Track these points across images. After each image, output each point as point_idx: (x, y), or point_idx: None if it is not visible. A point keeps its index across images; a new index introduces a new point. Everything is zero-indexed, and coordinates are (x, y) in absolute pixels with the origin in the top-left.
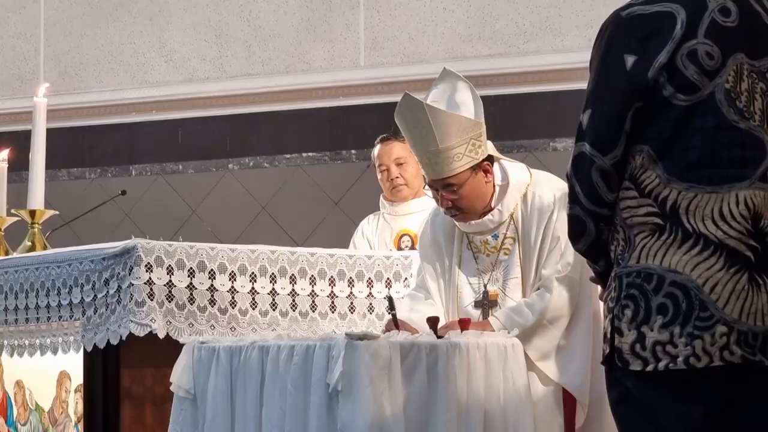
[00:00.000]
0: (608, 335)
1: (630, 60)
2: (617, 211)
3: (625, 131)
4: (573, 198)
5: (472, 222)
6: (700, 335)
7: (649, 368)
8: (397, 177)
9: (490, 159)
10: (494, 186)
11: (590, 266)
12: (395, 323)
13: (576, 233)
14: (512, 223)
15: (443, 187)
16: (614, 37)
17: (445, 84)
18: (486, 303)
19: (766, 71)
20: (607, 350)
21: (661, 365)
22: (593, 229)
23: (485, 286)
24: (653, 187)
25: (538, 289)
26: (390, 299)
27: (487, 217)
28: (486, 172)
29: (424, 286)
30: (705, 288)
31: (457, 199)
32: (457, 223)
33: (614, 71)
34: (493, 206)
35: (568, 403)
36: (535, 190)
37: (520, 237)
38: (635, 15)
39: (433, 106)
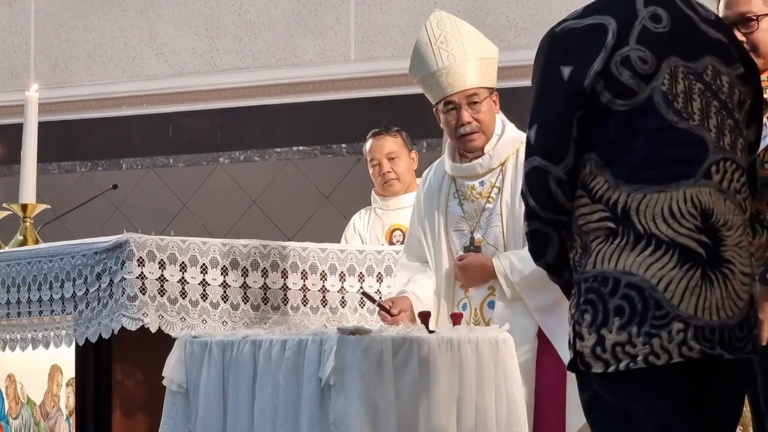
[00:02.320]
0: (571, 341)
1: (566, 71)
2: (573, 219)
3: (573, 138)
4: (529, 214)
5: (463, 165)
6: (657, 333)
7: (611, 369)
8: (389, 171)
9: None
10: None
11: (555, 281)
12: (384, 309)
13: (540, 246)
14: (501, 173)
15: (467, 101)
16: (550, 52)
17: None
18: (472, 249)
19: (702, 72)
20: (571, 355)
21: (622, 365)
22: (557, 238)
23: (472, 232)
24: (603, 192)
25: None
26: (365, 294)
27: (477, 161)
28: (495, 102)
29: (416, 251)
30: (659, 287)
31: (479, 115)
32: (450, 168)
33: (553, 83)
34: (485, 151)
35: (562, 404)
36: None
37: (503, 188)
38: (569, 29)
39: (464, 22)
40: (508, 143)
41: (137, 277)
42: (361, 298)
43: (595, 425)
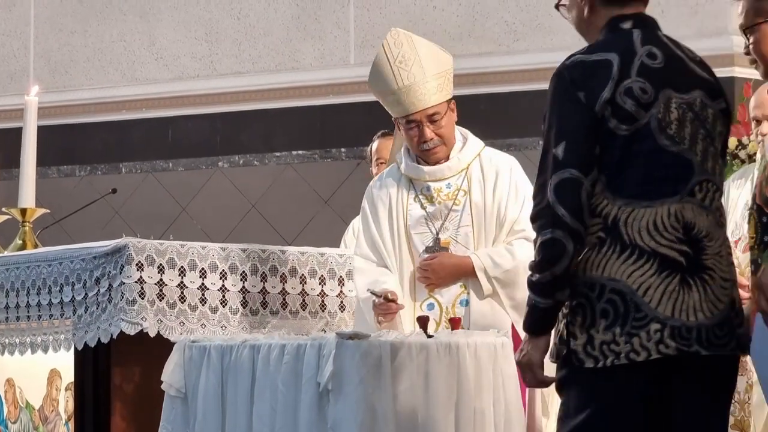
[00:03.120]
0: (564, 337)
1: (581, 95)
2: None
3: (596, 155)
4: (554, 222)
5: (427, 168)
6: (636, 333)
7: (600, 365)
8: None
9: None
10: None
11: (551, 300)
12: (389, 299)
13: (555, 256)
14: (466, 177)
15: (428, 119)
16: (565, 80)
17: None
18: (437, 250)
19: (692, 103)
20: (564, 351)
21: (608, 362)
22: (571, 250)
23: (437, 233)
24: (603, 207)
25: (518, 238)
26: (372, 292)
27: (445, 164)
28: (453, 111)
29: (371, 253)
30: (639, 292)
31: (441, 130)
32: (411, 172)
33: (574, 106)
34: (451, 156)
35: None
36: (489, 154)
37: (471, 190)
38: (578, 61)
39: (420, 38)
40: (472, 147)
41: (136, 282)
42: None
43: (576, 409)
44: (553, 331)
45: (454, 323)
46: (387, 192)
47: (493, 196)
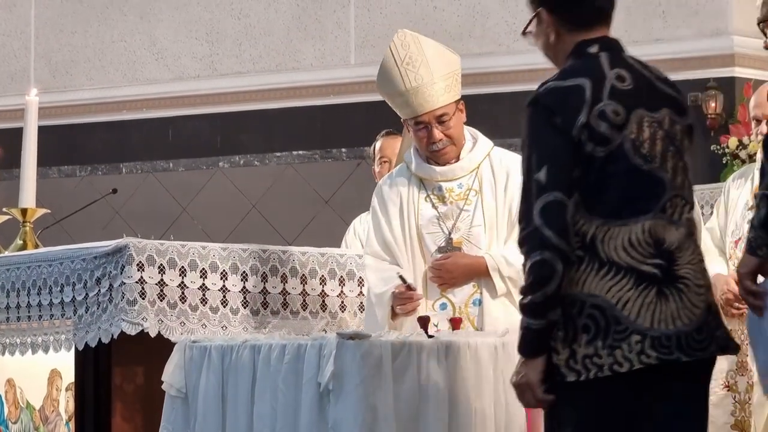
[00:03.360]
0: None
1: (558, 120)
2: None
3: (574, 178)
4: (542, 244)
5: (439, 169)
6: (618, 345)
7: (582, 378)
8: None
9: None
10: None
11: (544, 321)
12: (407, 286)
13: (546, 277)
14: (477, 176)
15: (437, 120)
16: (542, 107)
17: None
18: (449, 249)
19: (662, 121)
20: (548, 365)
21: (591, 374)
22: (561, 270)
23: (449, 233)
24: (580, 227)
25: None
26: (400, 277)
27: (457, 163)
28: (461, 111)
29: (383, 252)
30: (618, 306)
31: (449, 131)
32: (422, 172)
33: (553, 131)
34: (462, 156)
35: None
36: (499, 153)
37: (482, 190)
38: (552, 88)
39: (426, 39)
40: (482, 147)
41: (137, 282)
42: (361, 303)
43: (563, 423)
44: None
45: (455, 323)
46: (398, 191)
47: (505, 196)
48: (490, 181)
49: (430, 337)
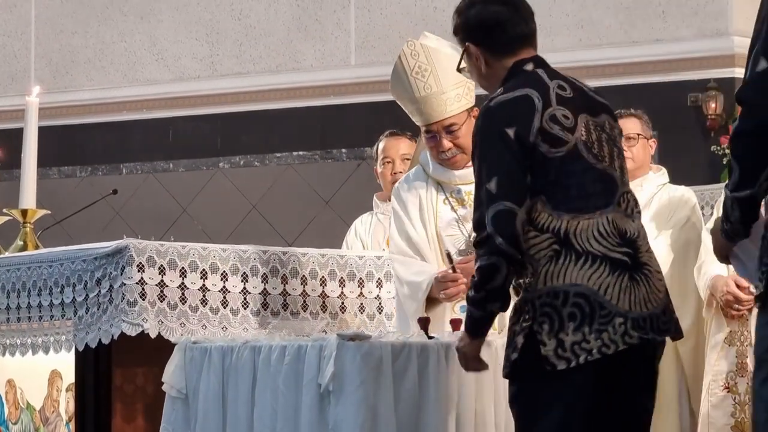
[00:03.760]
0: (527, 350)
1: (511, 131)
2: (525, 251)
3: (528, 185)
4: (492, 251)
5: (458, 172)
6: (605, 329)
7: (573, 364)
8: (401, 172)
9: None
10: None
11: (483, 312)
12: (453, 268)
13: (489, 278)
14: None
15: (445, 129)
16: (492, 120)
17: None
18: (470, 252)
19: (603, 124)
20: (528, 361)
21: (582, 359)
22: (505, 272)
23: (469, 236)
24: (548, 223)
25: None
26: (448, 255)
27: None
28: (474, 118)
29: (407, 250)
30: (600, 292)
31: (459, 140)
32: (439, 175)
33: (503, 142)
34: None
35: None
36: None
37: None
38: (503, 100)
39: (437, 49)
40: None
41: (137, 283)
42: (361, 304)
43: (544, 414)
44: (504, 352)
45: (455, 324)
46: (416, 193)
47: None
48: None
49: (431, 338)
